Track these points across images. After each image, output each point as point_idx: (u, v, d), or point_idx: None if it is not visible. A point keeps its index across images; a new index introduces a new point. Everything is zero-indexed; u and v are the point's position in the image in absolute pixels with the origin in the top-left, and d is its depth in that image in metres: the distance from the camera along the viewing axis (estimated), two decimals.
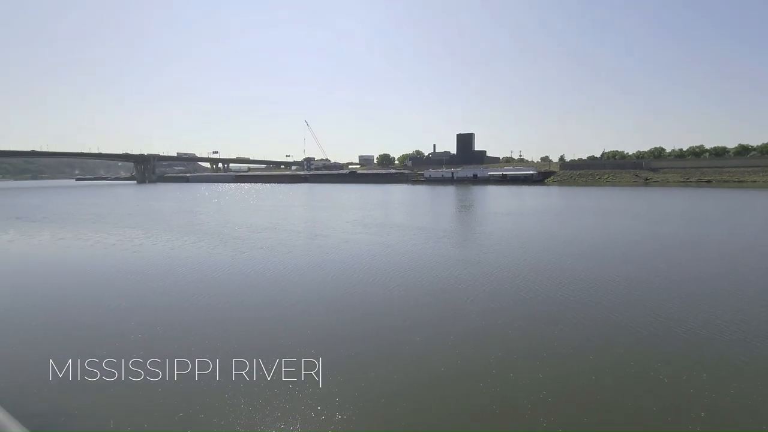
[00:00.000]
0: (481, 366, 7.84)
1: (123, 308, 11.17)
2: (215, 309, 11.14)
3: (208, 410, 6.16)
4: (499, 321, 10.08)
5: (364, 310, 11.13)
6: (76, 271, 16.25)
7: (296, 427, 5.86)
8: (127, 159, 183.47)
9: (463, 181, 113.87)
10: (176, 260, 17.70)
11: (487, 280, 13.85)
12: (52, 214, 39.24)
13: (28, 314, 10.81)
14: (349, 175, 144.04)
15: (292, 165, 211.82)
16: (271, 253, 18.83)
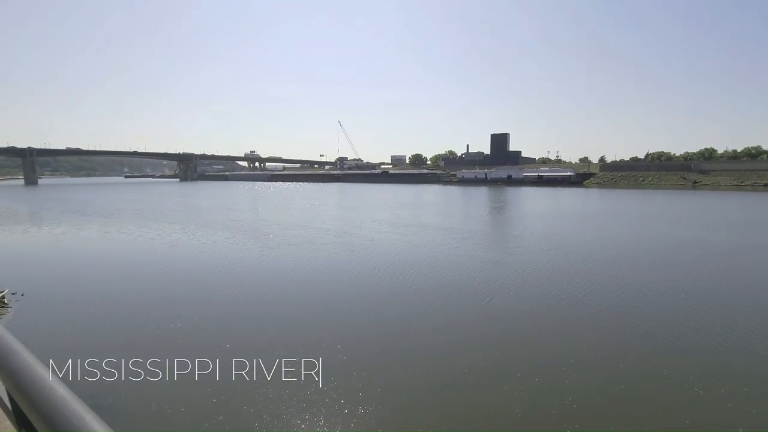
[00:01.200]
0: (498, 369, 7.53)
1: (134, 305, 11.62)
2: (235, 306, 11.44)
3: (208, 410, 6.16)
4: (521, 325, 9.67)
5: (380, 309, 11.03)
6: (106, 265, 17.16)
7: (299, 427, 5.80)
8: (171, 158, 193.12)
9: (497, 182, 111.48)
10: (204, 256, 18.36)
11: (511, 282, 13.37)
12: (101, 209, 41.92)
13: (43, 306, 11.39)
14: (381, 175, 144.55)
15: (325, 164, 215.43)
16: (298, 250, 19.14)
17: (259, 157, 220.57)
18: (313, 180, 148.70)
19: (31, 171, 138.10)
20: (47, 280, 13.77)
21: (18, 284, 12.43)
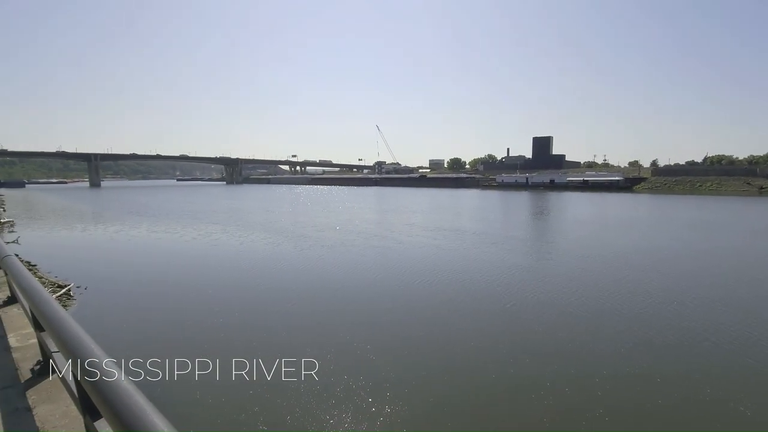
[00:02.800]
0: (523, 377, 7.53)
1: (173, 301, 12.52)
2: (265, 304, 12.08)
3: (210, 410, 6.43)
4: (548, 332, 9.53)
5: (398, 311, 11.22)
6: (153, 262, 18.54)
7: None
8: (219, 162, 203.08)
9: (539, 186, 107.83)
10: (241, 255, 19.35)
11: (537, 288, 13.07)
12: (154, 210, 45.04)
13: (102, 300, 12.54)
14: (418, 179, 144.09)
15: (363, 168, 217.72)
16: (328, 251, 19.74)
17: (300, 161, 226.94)
18: (352, 184, 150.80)
19: (96, 174, 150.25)
20: (105, 275, 15.13)
21: (82, 278, 13.81)
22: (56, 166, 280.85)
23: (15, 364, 3.66)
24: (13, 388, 3.25)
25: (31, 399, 3.08)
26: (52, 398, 3.09)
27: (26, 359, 3.72)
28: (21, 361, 3.72)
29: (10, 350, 3.95)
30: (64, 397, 3.03)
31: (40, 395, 3.13)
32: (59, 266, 15.84)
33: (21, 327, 4.53)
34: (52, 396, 3.12)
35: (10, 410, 2.92)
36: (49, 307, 2.44)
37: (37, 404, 3.01)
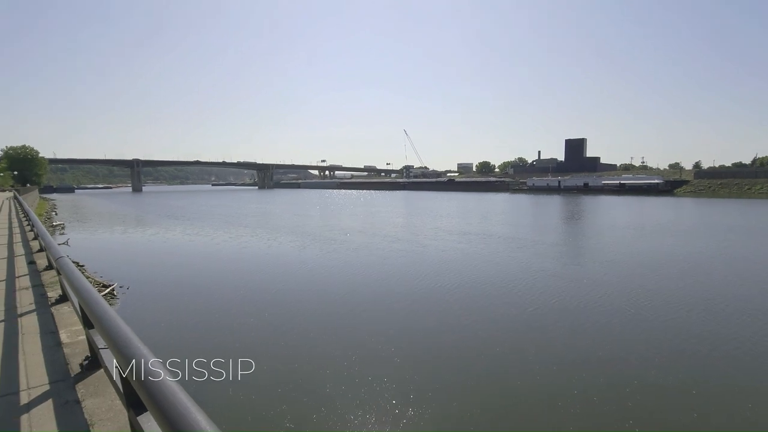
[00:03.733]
0: (545, 385, 7.32)
1: (204, 302, 12.92)
2: (289, 305, 12.28)
3: (246, 410, 6.69)
4: (574, 340, 9.21)
5: (417, 313, 11.21)
6: (188, 262, 19.25)
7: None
8: (251, 167, 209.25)
9: (572, 190, 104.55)
10: (268, 257, 19.83)
11: (563, 293, 12.65)
12: (191, 214, 46.93)
13: (142, 299, 13.17)
14: (446, 183, 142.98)
15: (391, 173, 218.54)
16: (352, 254, 19.96)
17: (329, 165, 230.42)
18: (380, 188, 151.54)
19: (137, 180, 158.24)
20: (145, 276, 15.89)
21: (124, 279, 14.56)
22: (102, 172, 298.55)
23: (65, 359, 3.90)
24: (64, 381, 3.46)
25: (79, 392, 3.27)
26: (99, 392, 3.27)
27: (75, 354, 3.96)
28: (71, 356, 3.96)
29: (62, 346, 4.22)
30: (109, 391, 3.21)
31: (88, 389, 3.32)
32: (104, 267, 16.76)
33: (71, 324, 4.84)
34: (98, 390, 3.30)
35: (62, 402, 3.11)
36: (98, 306, 2.59)
37: (85, 397, 3.19)
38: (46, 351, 4.09)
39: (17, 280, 7.08)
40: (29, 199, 40.57)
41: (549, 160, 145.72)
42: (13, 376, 3.53)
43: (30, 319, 5.06)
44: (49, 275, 7.36)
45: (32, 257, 9.11)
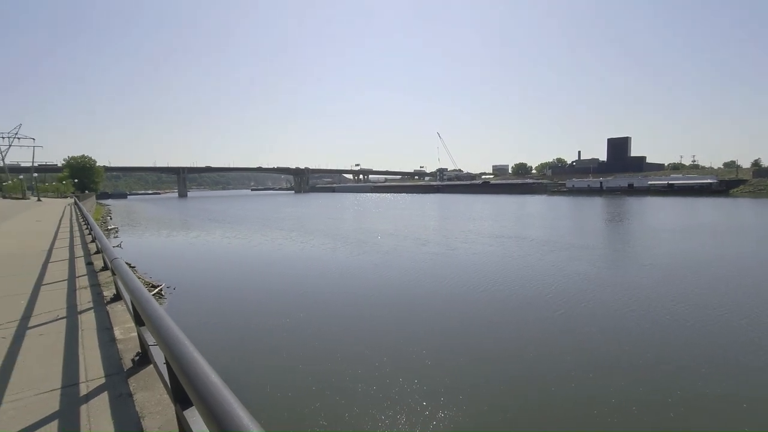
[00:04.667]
0: (582, 394, 7.00)
1: (242, 302, 13.36)
2: (317, 306, 12.48)
3: (285, 410, 6.89)
4: (608, 343, 8.74)
5: (443, 319, 11.04)
6: (227, 263, 19.98)
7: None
8: (288, 172, 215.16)
9: (615, 191, 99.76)
10: (301, 258, 20.22)
11: (599, 298, 12.03)
12: (230, 217, 48.85)
13: (188, 299, 13.83)
14: (481, 185, 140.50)
15: (425, 176, 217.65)
16: (381, 257, 20.03)
17: (363, 169, 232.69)
18: (413, 191, 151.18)
19: (183, 185, 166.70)
20: (190, 277, 16.68)
21: (171, 279, 15.36)
22: (151, 178, 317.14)
23: (119, 354, 4.18)
24: (118, 375, 3.71)
25: (131, 386, 3.50)
26: (149, 386, 3.48)
27: (128, 350, 4.24)
28: (124, 351, 4.24)
29: (116, 341, 4.53)
30: (158, 386, 3.41)
31: (139, 383, 3.55)
32: (152, 268, 17.76)
33: (124, 321, 5.18)
34: (148, 384, 3.51)
35: (116, 395, 3.34)
36: (148, 305, 2.76)
37: (136, 391, 3.41)
38: (102, 346, 4.40)
39: (77, 279, 7.65)
40: (87, 205, 43.71)
41: (590, 161, 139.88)
42: (74, 369, 3.82)
43: (88, 316, 5.46)
44: (105, 275, 7.91)
45: (90, 258, 9.82)
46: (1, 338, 4.64)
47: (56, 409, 3.10)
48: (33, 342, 4.55)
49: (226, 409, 1.35)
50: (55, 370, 3.80)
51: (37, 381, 3.57)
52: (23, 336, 4.72)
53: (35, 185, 70.36)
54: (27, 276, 7.97)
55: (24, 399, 3.26)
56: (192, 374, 1.66)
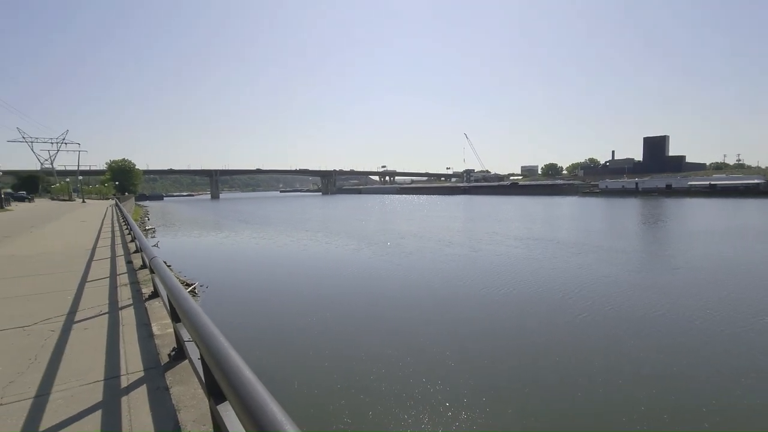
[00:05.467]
0: (613, 402, 6.74)
1: (268, 301, 13.62)
2: (341, 307, 12.56)
3: (313, 408, 7.03)
4: (639, 349, 8.34)
5: (465, 320, 10.90)
6: (255, 262, 20.46)
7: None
8: (315, 174, 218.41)
9: (652, 192, 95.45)
10: (325, 258, 20.45)
11: (627, 302, 11.46)
12: (260, 218, 50.05)
13: (219, 297, 14.27)
14: (510, 186, 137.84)
15: (452, 177, 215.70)
16: (405, 259, 19.98)
17: (389, 171, 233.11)
18: (440, 192, 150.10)
19: (215, 188, 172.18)
20: (222, 276, 17.20)
21: (204, 278, 15.91)
22: (186, 181, 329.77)
23: (157, 349, 4.37)
24: (156, 369, 3.88)
25: (168, 380, 3.65)
26: (184, 381, 3.61)
27: (165, 345, 4.42)
28: (161, 346, 4.42)
29: (153, 337, 4.73)
30: (193, 380, 3.54)
31: (175, 377, 3.69)
32: (187, 266, 18.43)
33: (161, 317, 5.41)
34: (183, 379, 3.65)
35: (154, 388, 3.49)
36: (184, 302, 2.87)
37: (173, 385, 3.55)
38: (141, 341, 4.61)
39: (118, 277, 8.06)
40: (127, 206, 45.93)
41: (624, 161, 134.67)
42: (115, 362, 4.03)
43: (128, 312, 5.74)
44: (143, 273, 8.28)
45: (130, 257, 10.32)
46: (51, 331, 4.95)
47: (99, 400, 3.27)
48: (79, 335, 4.82)
49: (259, 403, 1.37)
50: (99, 362, 4.02)
51: (83, 372, 3.79)
52: (70, 329, 5.01)
53: (80, 187, 74.57)
54: (73, 273, 8.47)
55: (71, 389, 3.47)
56: (226, 370, 1.69)
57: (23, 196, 63.64)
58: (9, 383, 3.59)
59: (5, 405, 3.21)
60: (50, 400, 3.28)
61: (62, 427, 2.89)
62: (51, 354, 4.23)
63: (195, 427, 2.89)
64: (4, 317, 5.55)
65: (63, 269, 9.01)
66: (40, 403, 3.24)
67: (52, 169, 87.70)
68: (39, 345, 4.50)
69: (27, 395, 3.36)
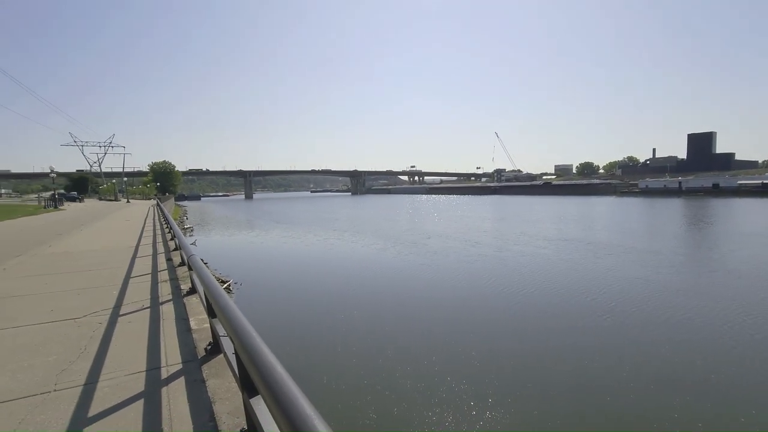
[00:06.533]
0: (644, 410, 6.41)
1: (295, 299, 13.87)
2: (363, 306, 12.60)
3: (341, 406, 7.14)
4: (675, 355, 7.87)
5: (490, 320, 10.77)
6: (286, 261, 20.87)
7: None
8: (345, 175, 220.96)
9: (697, 192, 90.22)
10: (352, 258, 20.59)
11: (661, 306, 10.81)
12: (291, 218, 51.16)
13: (253, 294, 14.68)
14: (542, 186, 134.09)
15: (482, 177, 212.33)
16: (430, 258, 19.90)
17: (418, 171, 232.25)
18: (469, 192, 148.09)
19: (249, 188, 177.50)
20: (255, 273, 17.72)
21: (237, 275, 16.44)
22: (221, 181, 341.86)
23: (194, 343, 4.56)
24: (193, 362, 4.05)
25: (204, 373, 3.80)
26: (219, 374, 3.76)
27: (201, 339, 4.61)
28: (198, 340, 4.61)
29: (191, 331, 4.95)
30: (227, 374, 3.67)
31: (211, 371, 3.84)
32: (222, 264, 19.10)
33: (198, 313, 5.64)
34: (219, 372, 3.80)
35: (191, 380, 3.65)
36: (220, 299, 2.98)
37: (208, 378, 3.70)
38: (180, 335, 4.83)
39: (159, 273, 8.47)
40: (167, 206, 48.11)
41: (666, 159, 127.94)
42: (156, 354, 4.24)
43: (168, 307, 6.02)
44: (182, 270, 8.66)
45: (170, 254, 10.81)
46: (98, 323, 5.27)
47: (142, 390, 3.46)
48: (123, 328, 5.11)
49: (290, 398, 1.41)
50: (141, 354, 4.24)
51: (127, 363, 4.01)
52: (116, 322, 5.32)
53: (125, 188, 78.82)
54: (119, 269, 8.97)
55: (116, 378, 3.68)
56: (258, 365, 1.75)
57: (74, 197, 68.00)
58: (62, 371, 3.85)
59: (59, 391, 3.46)
60: (98, 388, 3.50)
61: (108, 414, 3.07)
62: (99, 345, 4.51)
63: (229, 419, 3.00)
64: (60, 309, 5.96)
65: (109, 265, 9.56)
66: (88, 390, 3.46)
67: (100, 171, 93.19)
68: (88, 336, 4.80)
69: (77, 383, 3.60)
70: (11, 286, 7.59)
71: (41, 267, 9.54)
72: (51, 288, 7.36)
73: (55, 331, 5.00)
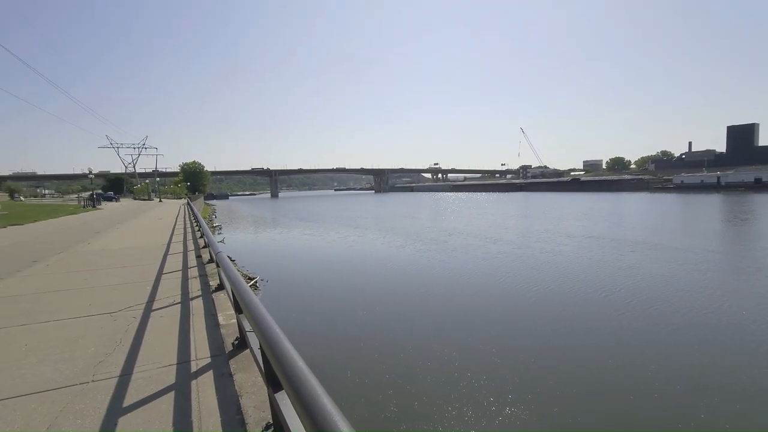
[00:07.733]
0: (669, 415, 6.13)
1: (319, 296, 14.00)
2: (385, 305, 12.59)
3: (362, 405, 7.19)
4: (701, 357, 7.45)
5: (510, 317, 10.45)
6: (309, 258, 21.12)
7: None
8: (368, 173, 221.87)
9: (737, 187, 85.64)
10: (372, 255, 20.62)
11: (693, 306, 10.27)
12: (316, 216, 51.81)
13: (279, 291, 14.94)
14: (570, 182, 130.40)
15: (507, 174, 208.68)
16: (447, 256, 19.76)
17: (441, 169, 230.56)
18: (494, 190, 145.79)
19: (275, 187, 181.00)
20: (280, 271, 18.06)
21: (264, 273, 16.80)
22: (248, 180, 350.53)
23: (222, 338, 4.70)
24: (221, 356, 4.17)
25: (231, 367, 3.91)
26: (245, 368, 3.85)
27: (229, 335, 4.74)
28: (225, 335, 4.75)
29: (219, 326, 5.09)
30: (253, 369, 3.76)
31: (238, 365, 3.95)
32: (249, 261, 19.58)
33: (226, 309, 5.81)
34: (245, 367, 3.89)
35: (219, 374, 3.76)
36: (246, 295, 3.05)
37: (235, 372, 3.79)
38: (209, 330, 4.98)
39: (189, 270, 8.76)
40: (197, 205, 49.68)
41: (704, 153, 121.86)
42: (187, 348, 4.39)
43: (198, 303, 6.22)
44: (211, 267, 8.92)
45: (199, 251, 11.16)
46: (132, 318, 5.51)
47: (172, 382, 3.59)
48: (156, 322, 5.32)
49: (311, 394, 1.44)
50: (172, 347, 4.40)
51: (159, 356, 4.17)
52: (149, 317, 5.54)
53: (158, 188, 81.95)
54: (152, 265, 9.34)
55: (149, 370, 3.84)
56: (282, 361, 1.79)
57: (111, 197, 71.27)
58: (99, 363, 4.05)
59: (96, 382, 3.63)
60: (132, 379, 3.66)
61: (141, 405, 3.21)
62: (133, 338, 4.71)
63: (255, 413, 3.07)
64: (98, 304, 6.26)
65: (143, 262, 9.96)
66: (124, 381, 3.62)
67: (134, 171, 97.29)
68: (123, 330, 5.02)
69: (113, 374, 3.77)
70: (53, 281, 8.03)
71: (80, 263, 10.04)
72: (89, 283, 7.74)
73: (93, 325, 5.26)
